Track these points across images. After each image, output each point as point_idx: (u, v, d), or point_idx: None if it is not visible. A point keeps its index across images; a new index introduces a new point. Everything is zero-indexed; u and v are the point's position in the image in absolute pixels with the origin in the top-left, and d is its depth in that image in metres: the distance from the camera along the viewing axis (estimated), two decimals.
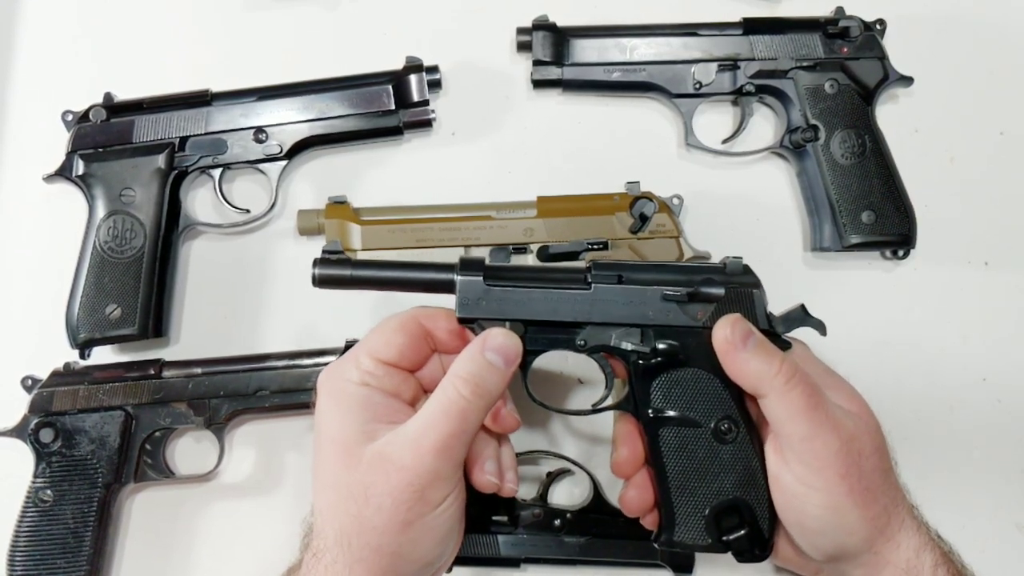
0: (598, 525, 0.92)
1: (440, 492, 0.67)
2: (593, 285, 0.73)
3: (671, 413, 0.73)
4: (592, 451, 0.98)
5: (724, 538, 0.72)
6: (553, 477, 0.95)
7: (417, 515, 0.66)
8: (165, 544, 0.98)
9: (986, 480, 0.98)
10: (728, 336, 0.70)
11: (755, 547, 0.72)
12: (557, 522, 0.92)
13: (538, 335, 0.73)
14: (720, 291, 0.72)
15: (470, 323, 0.73)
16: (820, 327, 0.75)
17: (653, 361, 0.73)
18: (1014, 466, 0.99)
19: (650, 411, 0.73)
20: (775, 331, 0.74)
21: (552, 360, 0.96)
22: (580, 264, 0.75)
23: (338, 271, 0.73)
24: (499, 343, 0.70)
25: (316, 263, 0.73)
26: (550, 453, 0.96)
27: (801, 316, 0.75)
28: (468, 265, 0.73)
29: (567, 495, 0.97)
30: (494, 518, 0.92)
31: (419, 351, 0.73)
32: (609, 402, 0.78)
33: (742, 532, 0.72)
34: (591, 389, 0.97)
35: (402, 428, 0.67)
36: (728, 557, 0.89)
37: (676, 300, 0.72)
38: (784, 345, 0.74)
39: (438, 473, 0.66)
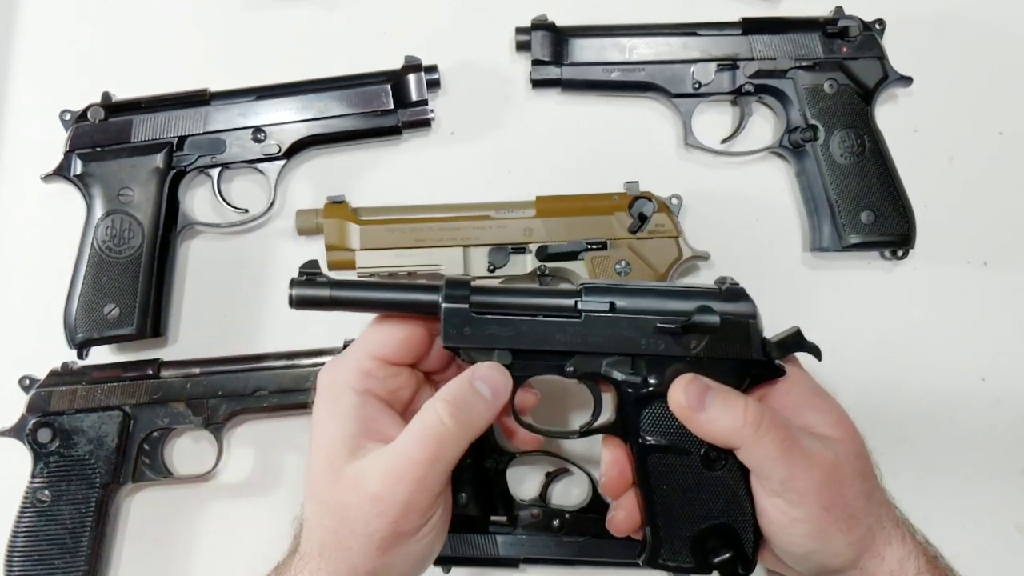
0: (597, 525, 0.92)
1: (414, 522, 0.65)
2: (584, 314, 0.70)
3: (661, 441, 0.71)
4: (591, 451, 0.97)
5: (708, 560, 0.71)
6: (552, 477, 0.95)
7: (391, 543, 0.65)
8: (163, 544, 0.98)
9: (986, 480, 0.98)
10: (683, 402, 0.68)
11: (739, 567, 0.72)
12: (556, 522, 0.92)
13: (526, 361, 0.71)
14: (715, 321, 0.69)
15: (455, 350, 0.71)
16: (816, 352, 0.73)
17: (644, 390, 0.71)
18: (1014, 466, 0.99)
19: (639, 439, 0.72)
20: (770, 357, 0.71)
21: None
22: (571, 287, 0.72)
23: (316, 292, 0.69)
24: (486, 372, 0.68)
25: (293, 283, 0.70)
26: (549, 453, 0.96)
27: (796, 342, 0.72)
28: (454, 288, 0.70)
29: (566, 495, 0.97)
30: (493, 518, 0.92)
31: (422, 342, 0.72)
32: (600, 421, 0.75)
33: (727, 555, 0.71)
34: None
35: (383, 451, 0.65)
36: None
37: (669, 332, 0.70)
38: (778, 372, 0.72)
39: (411, 505, 0.64)
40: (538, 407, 0.78)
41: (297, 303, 0.69)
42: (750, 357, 0.71)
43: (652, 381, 0.71)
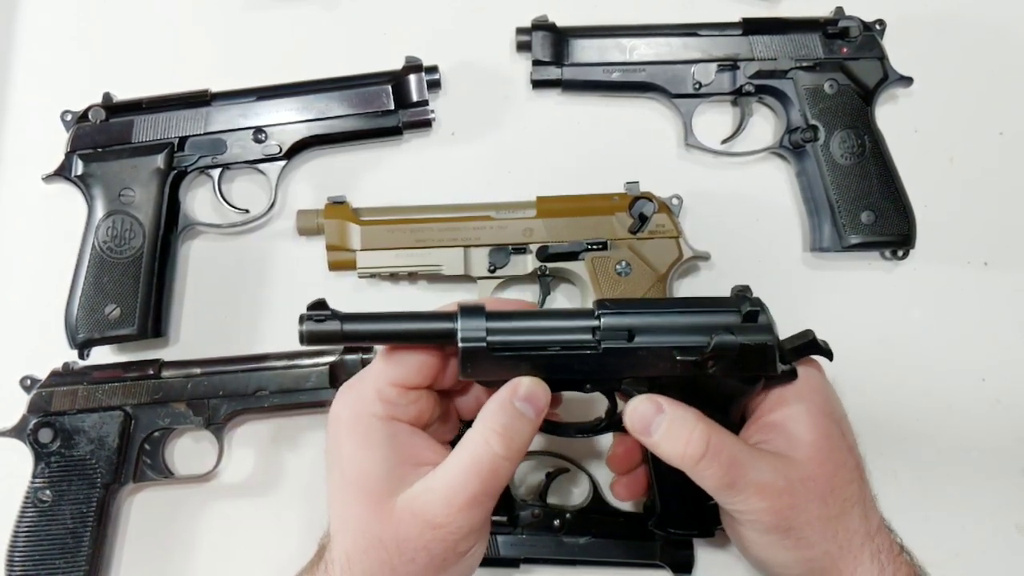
0: (597, 525, 0.92)
1: (471, 541, 0.68)
2: (603, 345, 0.69)
3: None
4: (592, 451, 0.98)
5: (710, 528, 0.79)
6: (552, 477, 0.95)
7: (450, 563, 0.67)
8: (164, 544, 0.98)
9: (986, 480, 0.98)
10: (630, 426, 0.71)
11: None
12: (556, 522, 0.92)
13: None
14: (735, 345, 0.69)
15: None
16: (828, 354, 0.74)
17: None
18: (1014, 466, 0.99)
19: None
20: (786, 363, 0.72)
21: None
22: (587, 309, 0.72)
23: (327, 327, 0.68)
24: (529, 392, 0.68)
25: (303, 319, 0.68)
26: (549, 453, 0.96)
27: (809, 345, 0.73)
28: (469, 318, 0.69)
29: (566, 495, 0.97)
30: (493, 518, 0.92)
31: (438, 364, 0.71)
32: (614, 420, 0.77)
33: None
34: None
35: (433, 480, 0.66)
36: (726, 560, 0.94)
37: (689, 362, 0.70)
38: (792, 376, 0.73)
39: (471, 528, 0.66)
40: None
41: (308, 339, 0.68)
42: (766, 374, 0.71)
43: (669, 395, 0.72)
